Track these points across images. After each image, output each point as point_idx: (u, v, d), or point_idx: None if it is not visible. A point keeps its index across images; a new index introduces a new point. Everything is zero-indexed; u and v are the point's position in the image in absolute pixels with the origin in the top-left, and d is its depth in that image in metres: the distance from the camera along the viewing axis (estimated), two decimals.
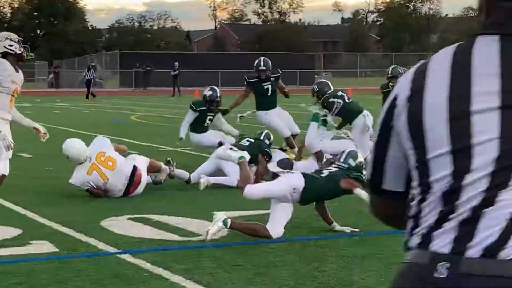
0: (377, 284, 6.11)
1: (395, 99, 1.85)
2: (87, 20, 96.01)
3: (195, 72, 57.77)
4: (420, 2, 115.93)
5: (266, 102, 13.93)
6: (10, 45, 8.31)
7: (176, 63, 48.90)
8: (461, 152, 1.71)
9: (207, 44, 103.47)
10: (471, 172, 1.70)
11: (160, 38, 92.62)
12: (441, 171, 1.74)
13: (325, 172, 7.85)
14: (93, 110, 32.20)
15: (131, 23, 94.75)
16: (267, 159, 11.32)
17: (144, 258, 6.88)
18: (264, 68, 13.79)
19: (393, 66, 14.90)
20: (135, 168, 10.25)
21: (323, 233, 7.96)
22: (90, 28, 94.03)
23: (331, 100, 12.06)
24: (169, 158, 11.25)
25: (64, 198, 10.21)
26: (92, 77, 45.63)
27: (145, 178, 10.39)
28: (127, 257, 6.93)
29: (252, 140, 11.55)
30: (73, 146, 10.28)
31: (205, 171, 11.06)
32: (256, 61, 14.00)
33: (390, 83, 13.50)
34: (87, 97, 43.42)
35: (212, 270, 6.47)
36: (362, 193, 7.35)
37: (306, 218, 8.62)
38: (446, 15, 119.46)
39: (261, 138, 11.72)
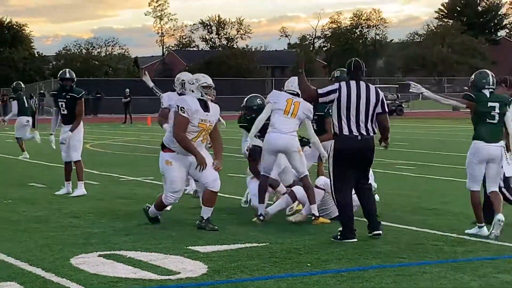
0: None
1: None
2: (33, 47, 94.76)
3: (146, 98, 57.24)
4: (366, 28, 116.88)
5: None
6: None
7: (127, 90, 48.40)
8: None
9: (155, 70, 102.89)
10: None
11: (108, 65, 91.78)
12: None
13: None
14: (45, 139, 31.37)
15: (79, 50, 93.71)
16: None
17: None
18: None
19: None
20: None
21: (307, 268, 7.58)
22: (37, 55, 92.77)
23: None
24: None
25: (25, 233, 9.69)
26: (35, 106, 44.26)
27: None
28: None
29: None
30: None
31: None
32: None
33: None
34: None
35: None
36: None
37: (289, 251, 8.30)
38: (392, 40, 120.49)
39: None
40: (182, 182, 10.01)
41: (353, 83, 9.16)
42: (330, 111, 9.59)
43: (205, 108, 9.83)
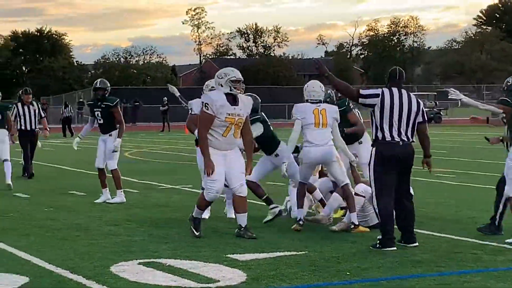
0: None
1: None
2: (72, 56, 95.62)
3: (184, 107, 57.56)
4: (404, 35, 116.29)
5: None
6: None
7: (165, 98, 48.46)
8: None
9: (193, 79, 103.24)
10: None
11: (146, 73, 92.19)
12: None
13: None
14: (84, 147, 31.69)
15: (117, 59, 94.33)
16: None
17: None
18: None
19: None
20: None
21: (346, 276, 7.58)
22: (76, 64, 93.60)
23: None
24: None
25: (66, 241, 9.79)
26: (70, 115, 44.62)
27: None
28: None
29: None
30: None
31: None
32: None
33: None
34: (64, 135, 42.09)
35: None
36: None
37: (328, 260, 8.31)
38: (429, 47, 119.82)
39: None
40: (219, 171, 9.76)
41: (395, 90, 9.21)
42: (368, 109, 9.46)
43: (233, 102, 9.79)
